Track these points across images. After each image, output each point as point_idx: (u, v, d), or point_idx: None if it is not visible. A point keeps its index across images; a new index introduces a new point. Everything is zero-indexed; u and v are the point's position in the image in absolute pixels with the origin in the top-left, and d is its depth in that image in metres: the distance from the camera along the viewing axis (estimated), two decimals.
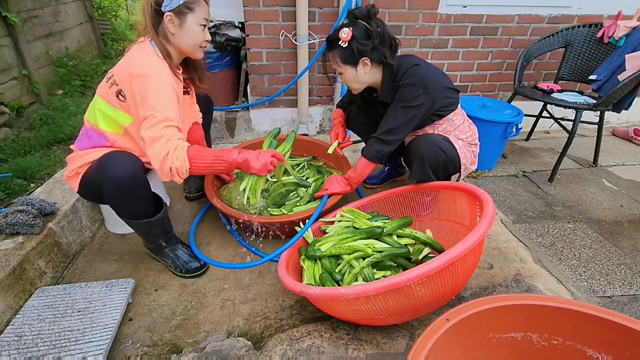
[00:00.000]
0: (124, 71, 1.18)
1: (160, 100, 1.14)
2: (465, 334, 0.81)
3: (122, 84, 1.19)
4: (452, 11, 2.33)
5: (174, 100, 1.19)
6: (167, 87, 1.17)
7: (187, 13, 1.22)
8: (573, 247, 1.67)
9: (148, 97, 1.13)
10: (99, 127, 1.26)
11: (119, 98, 1.20)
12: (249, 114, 2.49)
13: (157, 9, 1.20)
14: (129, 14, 6.80)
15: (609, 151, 2.58)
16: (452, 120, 1.49)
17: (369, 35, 1.30)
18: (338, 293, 0.94)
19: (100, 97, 1.25)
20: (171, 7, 1.19)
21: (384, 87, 1.43)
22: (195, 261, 1.41)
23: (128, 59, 1.21)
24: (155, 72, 1.17)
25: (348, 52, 1.32)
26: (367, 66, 1.36)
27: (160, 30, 1.23)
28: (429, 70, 1.38)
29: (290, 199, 1.69)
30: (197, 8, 1.23)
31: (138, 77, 1.14)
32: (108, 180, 1.16)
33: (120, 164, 1.16)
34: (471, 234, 0.95)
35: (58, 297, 1.21)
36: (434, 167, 1.42)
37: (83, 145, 1.29)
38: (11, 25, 2.78)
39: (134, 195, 1.21)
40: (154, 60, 1.20)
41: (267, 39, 2.23)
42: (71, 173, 1.27)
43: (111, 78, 1.22)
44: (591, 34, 2.28)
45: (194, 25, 1.24)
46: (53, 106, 2.97)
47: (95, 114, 1.25)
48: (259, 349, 1.12)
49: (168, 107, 1.15)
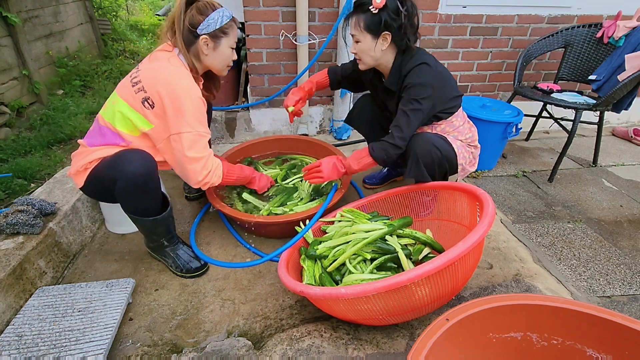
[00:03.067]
0: (154, 81, 1.21)
1: (195, 117, 1.22)
2: (465, 334, 0.81)
3: (151, 93, 1.21)
4: (452, 11, 2.33)
5: (204, 114, 1.28)
6: (199, 102, 1.25)
7: (222, 37, 1.28)
8: (573, 247, 1.67)
9: (184, 113, 1.20)
10: (115, 127, 1.26)
11: (145, 105, 1.22)
12: (249, 114, 2.49)
13: (192, 30, 1.24)
14: (129, 14, 6.81)
15: (608, 151, 2.58)
16: (451, 122, 1.48)
17: (399, 13, 1.28)
18: (338, 293, 0.94)
19: (123, 100, 1.25)
20: (207, 30, 1.24)
21: (392, 73, 1.41)
22: (195, 261, 1.41)
23: (158, 68, 1.23)
24: (188, 87, 1.22)
25: (375, 20, 1.29)
26: (387, 42, 1.33)
27: (192, 49, 1.28)
28: (437, 71, 1.36)
29: (293, 199, 1.70)
30: (231, 32, 1.30)
31: (171, 91, 1.19)
32: (123, 176, 1.17)
33: (136, 161, 1.18)
34: (471, 234, 0.95)
35: (58, 297, 1.21)
36: (428, 166, 1.41)
37: (94, 142, 1.29)
38: (11, 26, 2.78)
39: (146, 192, 1.23)
40: (185, 75, 1.24)
41: (267, 39, 2.23)
42: (80, 168, 1.26)
43: (138, 84, 1.23)
44: (591, 34, 2.28)
45: (226, 49, 1.31)
46: (53, 106, 2.97)
47: (114, 115, 1.26)
48: (259, 349, 1.12)
49: (201, 122, 1.25)
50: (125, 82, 1.27)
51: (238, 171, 1.51)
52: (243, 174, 1.54)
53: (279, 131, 2.58)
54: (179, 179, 1.98)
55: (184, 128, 1.21)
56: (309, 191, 1.73)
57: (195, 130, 1.23)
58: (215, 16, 1.23)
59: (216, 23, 1.23)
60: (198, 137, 1.24)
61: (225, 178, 1.40)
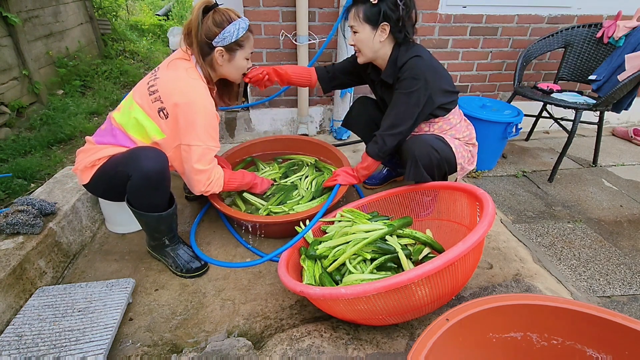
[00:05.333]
0: (172, 92, 1.22)
1: (206, 131, 1.26)
2: (465, 334, 0.81)
3: (167, 104, 1.23)
4: (452, 11, 2.33)
5: (216, 128, 1.32)
6: (213, 116, 1.28)
7: (237, 49, 1.29)
8: (573, 247, 1.67)
9: (197, 127, 1.24)
10: (128, 132, 1.28)
11: (160, 115, 1.25)
12: (249, 114, 2.49)
13: (208, 42, 1.24)
14: (129, 14, 6.80)
15: (608, 151, 2.58)
16: (448, 119, 1.49)
17: (397, 5, 1.31)
18: (338, 293, 0.94)
19: (140, 107, 1.27)
20: (223, 43, 1.25)
21: (389, 66, 1.43)
22: (195, 261, 1.41)
23: (176, 80, 1.24)
24: (204, 101, 1.24)
25: (374, 11, 1.31)
26: (385, 33, 1.35)
27: (207, 59, 1.29)
28: (430, 64, 1.37)
29: (292, 198, 1.70)
30: (246, 44, 1.31)
31: (187, 104, 1.21)
32: (138, 172, 1.18)
33: (151, 158, 1.19)
34: (471, 234, 0.95)
35: (58, 297, 1.21)
36: (427, 168, 1.42)
37: (104, 141, 1.31)
38: (12, 26, 2.78)
39: (159, 188, 1.24)
40: (202, 87, 1.26)
41: (267, 39, 2.23)
42: (88, 164, 1.27)
43: (155, 93, 1.25)
44: (591, 34, 2.28)
45: (241, 60, 1.33)
46: (53, 106, 2.97)
47: (129, 120, 1.28)
48: (259, 349, 1.12)
49: (212, 136, 1.29)
50: (143, 89, 1.28)
51: (239, 178, 1.53)
52: (244, 180, 1.56)
53: (279, 131, 2.58)
54: (179, 179, 1.98)
55: (195, 141, 1.24)
56: (310, 190, 1.73)
57: (205, 144, 1.26)
58: (232, 29, 1.23)
59: (232, 36, 1.24)
60: (207, 151, 1.28)
61: (226, 186, 1.44)
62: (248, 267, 1.45)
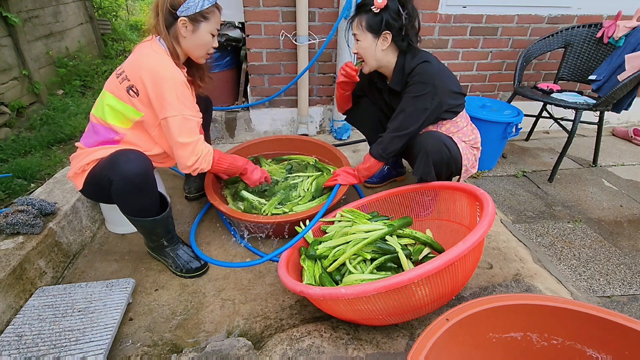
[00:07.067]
0: (136, 68, 1.20)
1: (178, 99, 1.21)
2: (465, 334, 0.81)
3: (134, 80, 1.21)
4: (452, 11, 2.33)
5: (189, 97, 1.26)
6: (182, 85, 1.23)
7: (202, 21, 1.26)
8: (573, 247, 1.67)
9: (167, 96, 1.19)
10: (107, 121, 1.27)
11: (130, 93, 1.22)
12: (249, 114, 2.49)
13: (172, 12, 1.22)
14: (129, 14, 6.80)
15: (608, 151, 2.58)
16: (456, 122, 1.49)
17: (400, 14, 1.32)
18: (338, 293, 0.94)
19: (109, 92, 1.26)
20: (187, 13, 1.22)
21: (395, 74, 1.44)
22: (195, 261, 1.41)
23: (140, 55, 1.23)
24: (170, 71, 1.21)
25: (376, 20, 1.33)
26: (387, 42, 1.36)
27: (171, 31, 1.26)
28: (439, 69, 1.39)
29: (292, 199, 1.70)
30: (211, 18, 1.27)
31: (153, 76, 1.18)
32: (118, 176, 1.17)
33: (131, 161, 1.18)
34: (471, 234, 0.95)
35: (58, 297, 1.21)
36: (437, 164, 1.42)
37: (90, 142, 1.29)
38: (12, 26, 2.78)
39: (142, 192, 1.22)
40: (166, 60, 1.23)
41: (267, 39, 2.23)
42: (78, 170, 1.27)
43: (122, 74, 1.24)
44: (591, 34, 2.28)
45: (205, 34, 1.28)
46: (53, 106, 2.97)
47: (104, 109, 1.26)
48: (259, 349, 1.12)
49: (186, 105, 1.23)
50: (112, 76, 1.28)
51: (230, 160, 1.47)
52: (235, 163, 1.49)
53: (279, 131, 2.58)
54: (179, 178, 1.98)
55: (169, 112, 1.20)
56: (310, 190, 1.73)
57: (181, 113, 1.22)
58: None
59: (196, 6, 1.21)
60: (184, 120, 1.23)
61: (215, 165, 1.39)
62: (248, 267, 1.45)
